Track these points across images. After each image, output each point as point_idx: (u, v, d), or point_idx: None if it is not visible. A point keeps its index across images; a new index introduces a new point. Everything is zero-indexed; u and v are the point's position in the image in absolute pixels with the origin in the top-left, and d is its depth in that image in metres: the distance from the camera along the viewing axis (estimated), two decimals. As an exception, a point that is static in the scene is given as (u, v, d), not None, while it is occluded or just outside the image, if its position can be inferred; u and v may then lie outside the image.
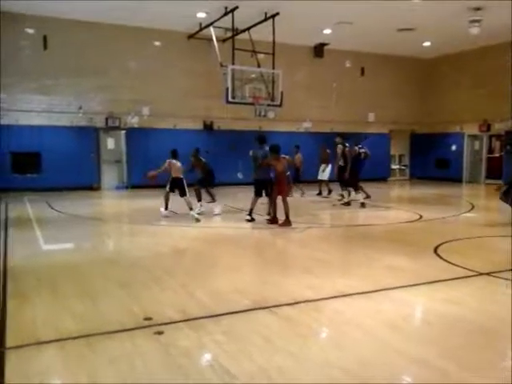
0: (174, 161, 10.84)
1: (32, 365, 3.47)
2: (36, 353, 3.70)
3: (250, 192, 14.36)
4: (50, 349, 3.76)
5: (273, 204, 9.82)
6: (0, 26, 14.86)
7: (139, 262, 6.75)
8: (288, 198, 9.74)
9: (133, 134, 17.28)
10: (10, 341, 3.90)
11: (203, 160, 12.21)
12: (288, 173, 10.76)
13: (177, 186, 10.72)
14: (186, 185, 10.63)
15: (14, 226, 9.60)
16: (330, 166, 14.86)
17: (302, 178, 15.24)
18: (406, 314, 4.68)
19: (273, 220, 9.71)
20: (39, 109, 16.18)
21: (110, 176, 17.53)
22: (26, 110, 15.97)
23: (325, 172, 15.06)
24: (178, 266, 6.57)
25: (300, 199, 14.20)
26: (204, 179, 12.08)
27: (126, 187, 17.41)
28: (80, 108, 16.60)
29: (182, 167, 10.88)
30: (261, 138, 10.55)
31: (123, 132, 17.43)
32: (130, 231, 9.74)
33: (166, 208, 10.91)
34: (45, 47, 15.94)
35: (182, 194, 10.58)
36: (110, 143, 17.46)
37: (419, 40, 18.81)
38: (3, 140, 15.47)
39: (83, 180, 16.53)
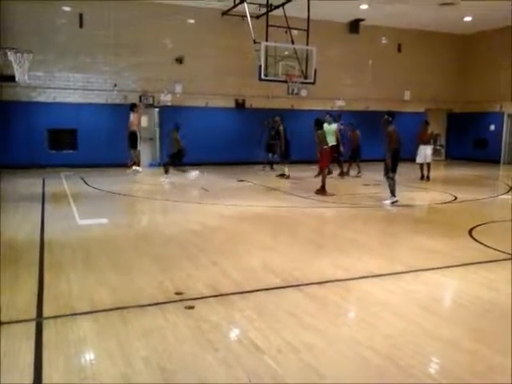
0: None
1: (67, 335, 3.59)
2: (71, 323, 3.82)
3: (278, 170, 14.36)
4: (85, 320, 3.88)
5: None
6: (36, 4, 15.12)
7: (172, 238, 6.85)
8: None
9: (166, 111, 17.36)
10: (46, 311, 4.05)
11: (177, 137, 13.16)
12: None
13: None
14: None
15: (50, 201, 9.86)
16: (431, 147, 14.09)
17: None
18: (437, 296, 4.62)
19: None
20: (75, 86, 16.42)
21: (143, 153, 17.66)
22: (62, 87, 16.24)
23: (427, 154, 13.92)
24: (210, 243, 6.64)
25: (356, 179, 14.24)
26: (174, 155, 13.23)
27: (159, 164, 17.59)
28: (115, 86, 16.77)
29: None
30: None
31: (156, 110, 17.55)
32: (163, 208, 9.88)
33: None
34: (81, 25, 16.09)
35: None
36: (144, 121, 17.60)
37: (460, 15, 18.12)
38: (40, 117, 15.80)
39: (117, 157, 16.73)
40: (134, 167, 12.96)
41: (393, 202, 9.65)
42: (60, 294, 4.45)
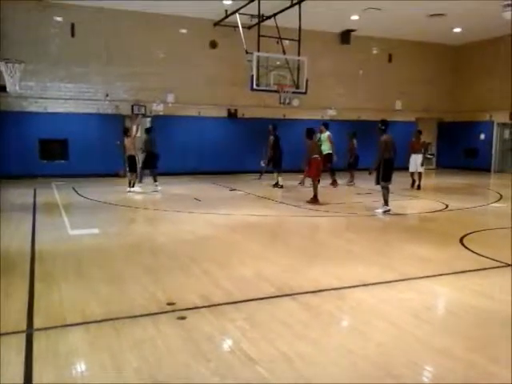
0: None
1: (58, 346, 3.55)
2: (62, 334, 3.78)
3: (271, 180, 14.38)
4: (76, 331, 3.85)
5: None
6: (28, 14, 15.16)
7: (164, 248, 6.83)
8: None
9: (158, 121, 17.37)
10: (37, 322, 4.01)
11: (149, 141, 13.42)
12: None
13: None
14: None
15: (41, 211, 9.80)
16: (421, 155, 14.07)
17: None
18: (430, 304, 4.63)
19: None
20: (67, 96, 16.39)
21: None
22: (54, 97, 16.20)
23: (418, 163, 13.96)
24: (202, 252, 6.62)
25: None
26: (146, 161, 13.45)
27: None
28: (107, 95, 16.76)
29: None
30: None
31: (148, 119, 17.54)
32: (154, 217, 9.84)
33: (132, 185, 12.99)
34: (72, 35, 16.10)
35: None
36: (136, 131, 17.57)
37: (449, 26, 18.34)
38: (32, 127, 15.75)
39: (109, 167, 16.72)
40: (128, 188, 12.83)
41: (385, 211, 9.64)
42: (51, 305, 4.41)
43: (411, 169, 14.15)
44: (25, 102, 15.81)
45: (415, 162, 14.02)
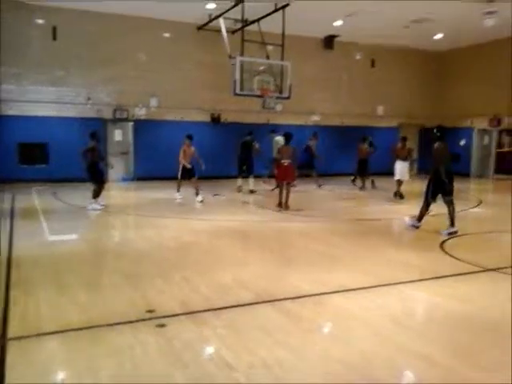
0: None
1: (33, 356, 3.47)
2: (38, 344, 3.70)
3: (257, 185, 14.35)
4: (52, 340, 3.77)
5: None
6: (9, 16, 14.95)
7: (144, 254, 6.75)
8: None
9: (140, 125, 17.27)
10: (11, 331, 3.90)
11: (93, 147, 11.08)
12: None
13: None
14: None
15: (20, 216, 9.64)
16: (408, 163, 13.22)
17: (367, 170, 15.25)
18: (409, 310, 4.64)
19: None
20: (48, 100, 16.19)
21: (116, 168, 17.49)
22: (34, 100, 15.99)
23: (404, 171, 13.09)
24: (182, 258, 6.56)
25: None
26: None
27: (132, 179, 17.43)
28: (88, 99, 16.60)
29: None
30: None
31: (131, 124, 17.42)
32: (135, 223, 9.74)
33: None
34: (54, 38, 15.93)
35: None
36: (118, 135, 17.44)
37: (431, 32, 18.59)
38: (11, 131, 15.51)
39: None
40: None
41: (450, 233, 8.14)
42: (26, 313, 4.31)
43: (397, 176, 13.18)
44: (4, 105, 15.57)
45: (401, 169, 13.12)
